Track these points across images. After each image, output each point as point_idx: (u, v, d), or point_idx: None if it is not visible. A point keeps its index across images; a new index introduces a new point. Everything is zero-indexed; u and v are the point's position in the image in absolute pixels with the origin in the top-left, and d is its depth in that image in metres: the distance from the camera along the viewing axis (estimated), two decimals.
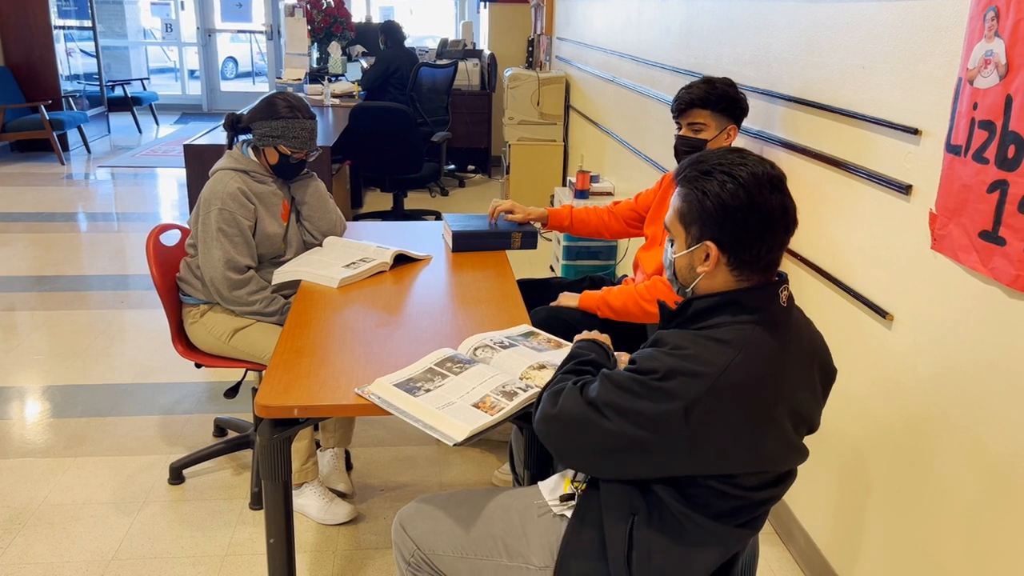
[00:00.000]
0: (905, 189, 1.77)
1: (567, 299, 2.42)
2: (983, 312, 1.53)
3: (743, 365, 1.22)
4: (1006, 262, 1.43)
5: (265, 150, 2.42)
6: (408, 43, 6.88)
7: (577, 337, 1.60)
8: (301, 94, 6.30)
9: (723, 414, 1.21)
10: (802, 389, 1.31)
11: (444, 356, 1.77)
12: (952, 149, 1.56)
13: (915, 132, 1.73)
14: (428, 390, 1.62)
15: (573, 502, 1.45)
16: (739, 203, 1.25)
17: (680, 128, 2.32)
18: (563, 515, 1.47)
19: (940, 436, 1.68)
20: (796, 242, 2.30)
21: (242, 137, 2.49)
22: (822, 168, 2.16)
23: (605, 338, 1.58)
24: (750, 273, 1.29)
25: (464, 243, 2.61)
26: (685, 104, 2.27)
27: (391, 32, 6.66)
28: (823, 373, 1.38)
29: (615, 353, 1.76)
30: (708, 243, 1.28)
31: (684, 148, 2.29)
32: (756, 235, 1.26)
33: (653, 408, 1.21)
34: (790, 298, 1.33)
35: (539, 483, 1.57)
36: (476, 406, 1.56)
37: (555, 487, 1.54)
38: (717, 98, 2.24)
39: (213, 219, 2.31)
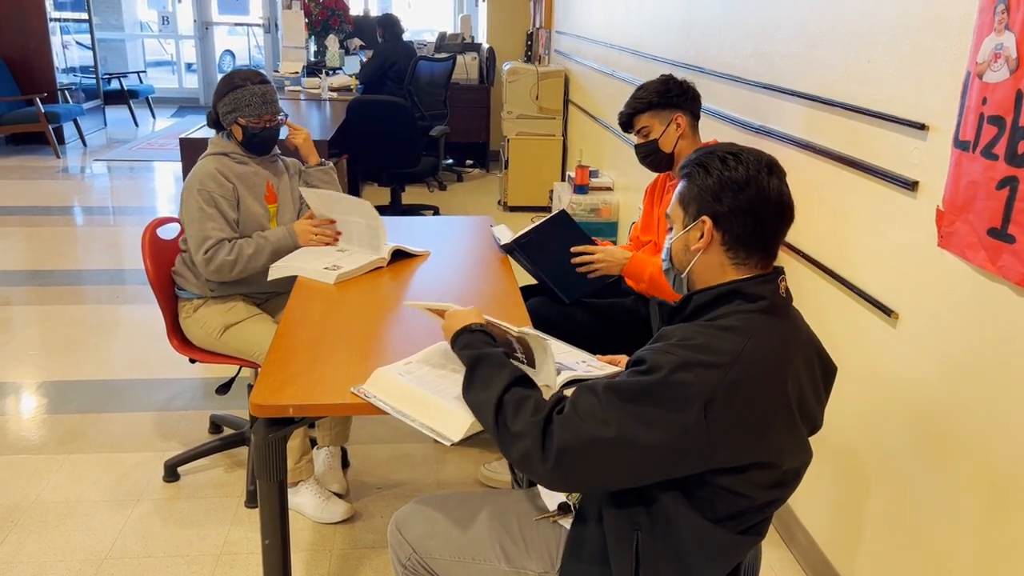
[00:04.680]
0: (911, 185, 1.74)
1: (616, 254, 2.34)
2: (990, 311, 1.51)
3: (755, 352, 1.20)
4: (1015, 260, 1.40)
5: (231, 130, 2.41)
6: (406, 36, 6.84)
7: (452, 325, 1.51)
8: (298, 87, 6.28)
9: (738, 403, 1.18)
10: (807, 382, 1.29)
11: (445, 348, 1.74)
12: (960, 145, 1.53)
13: (922, 127, 1.71)
14: (427, 379, 1.59)
15: (572, 512, 1.42)
16: (738, 177, 1.27)
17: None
18: (563, 524, 1.44)
19: (945, 436, 1.65)
20: (799, 239, 2.27)
21: None
22: (826, 164, 2.13)
23: (472, 315, 1.52)
24: (745, 257, 1.29)
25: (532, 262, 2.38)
26: (625, 120, 2.38)
27: (389, 25, 6.61)
28: (824, 369, 1.37)
29: (614, 358, 1.73)
30: (703, 218, 1.30)
31: (642, 154, 2.38)
32: (751, 211, 1.27)
33: (670, 409, 1.18)
34: (788, 290, 1.32)
35: (538, 485, 1.55)
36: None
37: (554, 492, 1.51)
38: (648, 100, 2.32)
39: (193, 198, 2.32)
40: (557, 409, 1.25)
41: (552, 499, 1.49)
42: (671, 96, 2.30)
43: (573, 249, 2.36)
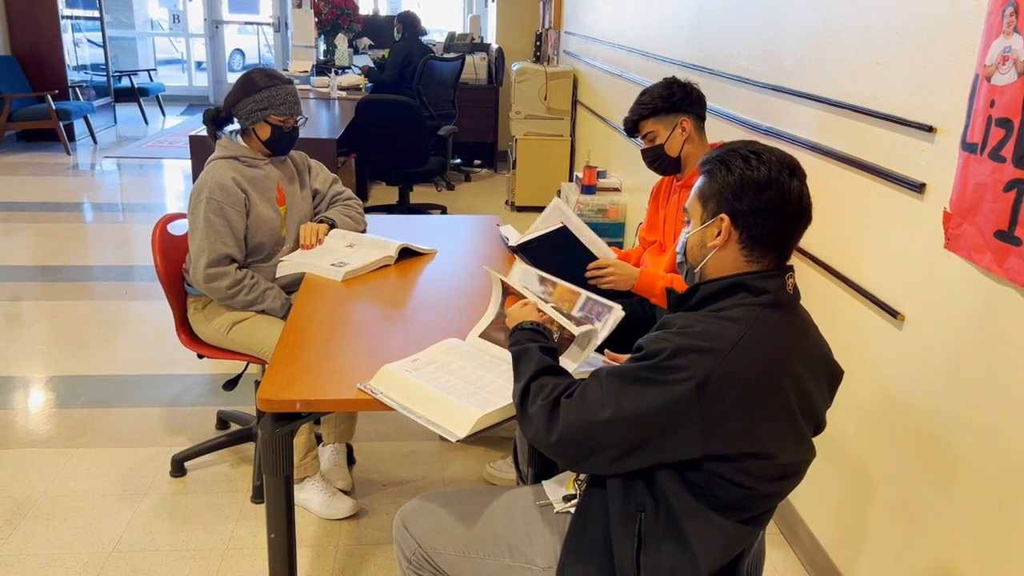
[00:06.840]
0: (919, 187, 1.74)
1: (627, 270, 2.30)
2: (997, 313, 1.51)
3: (753, 341, 1.22)
4: (1022, 262, 1.40)
5: (255, 128, 2.40)
6: None
7: (511, 323, 1.56)
8: (307, 86, 6.30)
9: (733, 390, 1.20)
10: (810, 379, 1.30)
11: (452, 346, 1.75)
12: (968, 147, 1.53)
13: (930, 129, 1.71)
14: (434, 376, 1.60)
15: (576, 501, 1.43)
16: (759, 177, 1.28)
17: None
18: (567, 512, 1.45)
19: (950, 438, 1.65)
20: (806, 239, 2.27)
21: (228, 128, 2.47)
22: (833, 166, 2.13)
23: (533, 314, 1.54)
24: (759, 255, 1.30)
25: (536, 256, 2.37)
26: (630, 127, 2.39)
27: (409, 23, 6.60)
28: (829, 370, 1.37)
29: (616, 356, 1.74)
30: (722, 215, 1.31)
31: (648, 159, 2.39)
32: (769, 211, 1.28)
33: (666, 392, 1.20)
34: (796, 287, 1.33)
35: (543, 482, 1.55)
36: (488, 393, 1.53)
37: (559, 485, 1.52)
38: (651, 107, 2.33)
39: (202, 208, 2.31)
40: (567, 394, 1.30)
41: (556, 493, 1.50)
42: (675, 100, 2.31)
43: (590, 266, 2.34)
